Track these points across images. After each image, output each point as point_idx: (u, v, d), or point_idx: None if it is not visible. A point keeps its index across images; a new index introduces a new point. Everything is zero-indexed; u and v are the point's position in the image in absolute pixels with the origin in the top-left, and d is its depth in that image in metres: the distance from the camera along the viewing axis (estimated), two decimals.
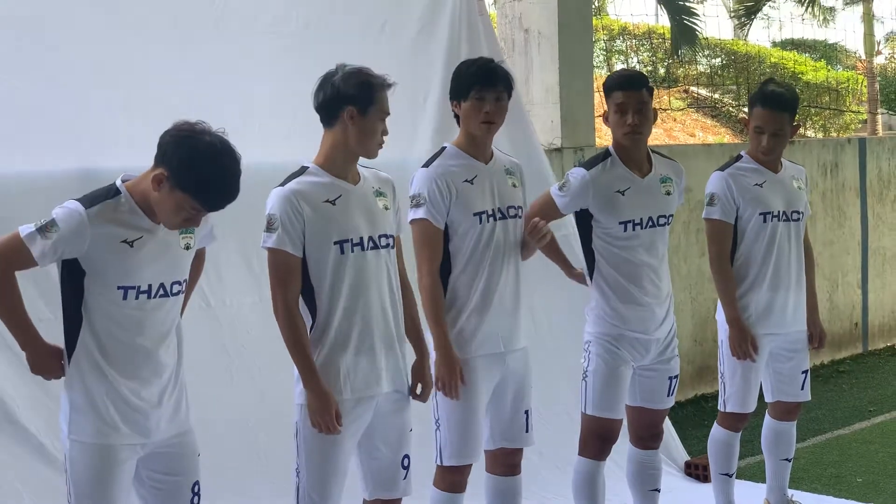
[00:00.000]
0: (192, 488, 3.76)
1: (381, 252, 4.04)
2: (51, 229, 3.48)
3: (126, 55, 4.95)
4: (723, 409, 5.46)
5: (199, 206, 3.51)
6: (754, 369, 5.35)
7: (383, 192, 4.14)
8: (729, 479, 5.56)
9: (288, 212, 3.90)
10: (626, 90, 4.77)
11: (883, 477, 6.64)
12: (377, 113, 3.98)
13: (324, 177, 3.99)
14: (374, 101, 3.97)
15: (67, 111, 3.66)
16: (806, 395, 5.53)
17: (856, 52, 21.09)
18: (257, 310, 4.16)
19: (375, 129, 3.99)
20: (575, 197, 4.82)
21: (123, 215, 3.55)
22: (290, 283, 3.93)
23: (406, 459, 4.15)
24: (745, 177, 5.28)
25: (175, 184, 3.47)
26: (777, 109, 5.22)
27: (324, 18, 5.89)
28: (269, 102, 5.59)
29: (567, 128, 7.61)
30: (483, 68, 4.49)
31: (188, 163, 3.46)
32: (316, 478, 3.98)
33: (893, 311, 10.97)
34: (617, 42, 17.26)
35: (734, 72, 17.36)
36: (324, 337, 3.97)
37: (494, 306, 4.47)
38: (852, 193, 10.51)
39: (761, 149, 5.26)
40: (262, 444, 4.95)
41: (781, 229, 5.29)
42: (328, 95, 3.98)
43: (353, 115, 3.95)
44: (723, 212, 5.26)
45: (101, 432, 3.56)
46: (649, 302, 4.86)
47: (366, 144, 3.99)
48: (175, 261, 3.68)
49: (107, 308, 3.56)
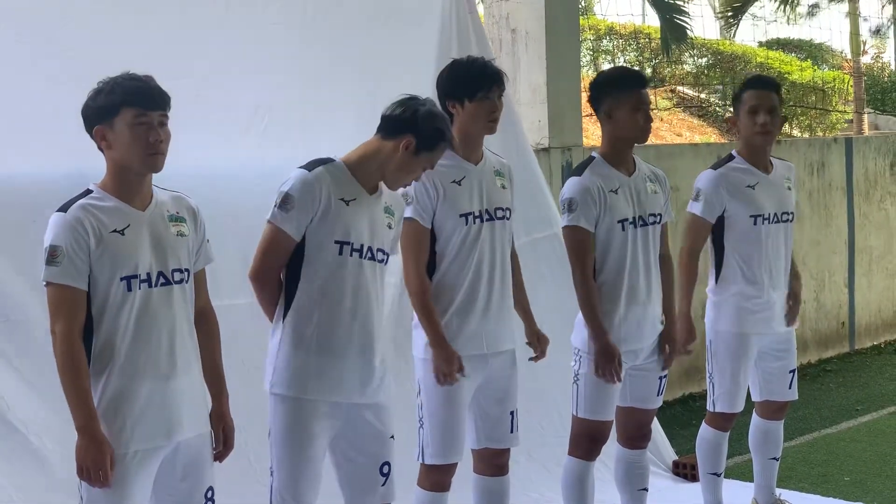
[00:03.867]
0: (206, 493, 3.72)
1: (375, 264, 4.02)
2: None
3: (131, 48, 4.92)
4: (712, 410, 5.46)
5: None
6: (743, 369, 5.35)
7: (393, 211, 4.14)
8: (717, 479, 5.57)
9: (304, 196, 3.88)
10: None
11: (870, 476, 6.66)
12: (426, 160, 4.01)
13: (346, 175, 3.98)
14: (433, 150, 4.01)
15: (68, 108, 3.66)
16: (793, 395, 5.54)
17: (842, 52, 21.14)
18: (256, 310, 4.13)
19: (414, 171, 4.03)
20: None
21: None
22: (276, 256, 3.94)
23: (386, 466, 4.10)
24: (738, 177, 5.28)
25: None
26: (767, 88, 5.29)
27: (331, 10, 5.88)
28: (281, 95, 5.57)
29: (554, 128, 7.61)
30: (488, 68, 4.48)
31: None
32: (288, 478, 3.96)
33: (880, 310, 11.00)
34: (604, 42, 17.28)
35: (721, 72, 17.39)
36: (299, 334, 3.94)
37: (478, 308, 4.46)
38: (839, 193, 10.53)
39: (758, 127, 5.23)
40: (251, 444, 4.93)
41: (773, 230, 5.29)
42: (403, 117, 3.99)
43: (408, 146, 3.96)
44: (705, 209, 5.25)
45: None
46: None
47: (396, 176, 4.03)
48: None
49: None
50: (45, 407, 4.53)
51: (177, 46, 5.19)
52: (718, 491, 5.58)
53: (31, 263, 4.36)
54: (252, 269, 3.99)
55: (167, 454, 3.58)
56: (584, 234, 4.76)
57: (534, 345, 4.78)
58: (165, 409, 3.55)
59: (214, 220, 3.85)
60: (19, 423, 4.71)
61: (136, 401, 3.51)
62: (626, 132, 4.80)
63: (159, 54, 4.91)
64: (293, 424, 3.94)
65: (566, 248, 4.85)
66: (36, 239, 3.55)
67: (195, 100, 5.09)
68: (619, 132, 4.82)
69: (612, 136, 4.86)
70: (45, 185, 4.63)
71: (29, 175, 4.80)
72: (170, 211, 3.64)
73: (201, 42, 5.36)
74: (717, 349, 5.37)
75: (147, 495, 3.59)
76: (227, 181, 5.26)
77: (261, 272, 3.98)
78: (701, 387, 8.74)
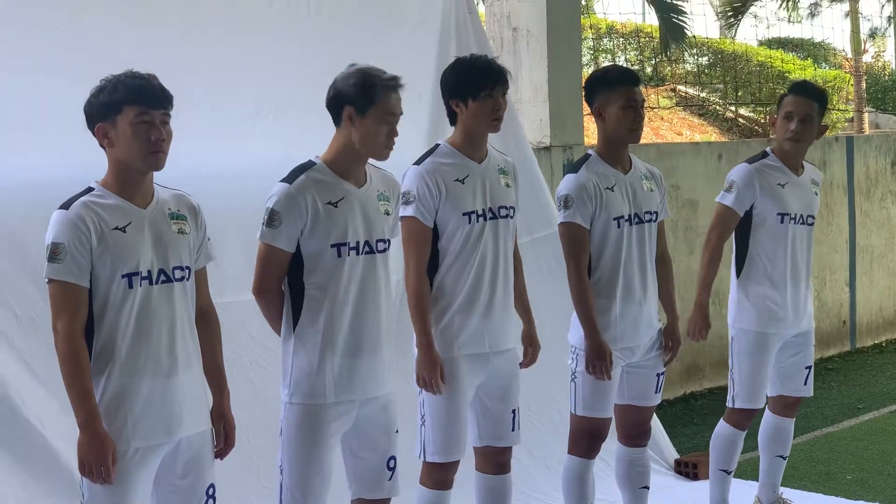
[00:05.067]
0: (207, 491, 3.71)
1: (375, 257, 4.02)
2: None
3: (134, 45, 4.92)
4: (731, 406, 5.46)
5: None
6: (763, 367, 5.37)
7: (387, 196, 4.13)
8: (727, 477, 5.56)
9: (290, 209, 3.89)
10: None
11: (872, 474, 6.66)
12: (378, 114, 3.93)
13: (329, 176, 3.97)
14: (375, 101, 3.92)
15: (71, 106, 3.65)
16: (808, 391, 5.59)
17: (842, 51, 21.12)
18: (255, 308, 4.13)
19: (377, 131, 3.94)
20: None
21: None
22: (272, 277, 3.96)
23: (392, 461, 4.13)
24: (771, 174, 5.32)
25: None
26: (807, 96, 5.31)
27: (335, 6, 5.87)
28: (283, 91, 5.57)
29: (556, 126, 7.61)
30: (492, 66, 4.47)
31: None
32: (298, 476, 3.97)
33: (881, 308, 11.00)
34: (604, 41, 17.25)
35: (721, 70, 17.37)
36: (308, 337, 3.96)
37: (481, 306, 4.46)
38: (840, 191, 10.53)
39: (789, 133, 5.27)
40: (254, 443, 4.94)
41: (798, 231, 5.34)
42: (331, 95, 3.99)
43: (351, 116, 3.94)
44: (736, 201, 5.29)
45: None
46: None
47: (368, 145, 3.97)
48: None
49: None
50: (55, 403, 4.53)
51: (179, 45, 5.19)
52: (726, 489, 5.57)
53: (37, 260, 4.37)
54: (254, 286, 4.01)
55: (168, 451, 3.58)
56: (580, 230, 4.75)
57: (526, 348, 4.78)
58: (166, 407, 3.55)
59: (217, 217, 3.86)
60: (35, 419, 4.70)
61: (136, 398, 3.51)
62: (616, 131, 4.79)
63: (162, 52, 4.90)
64: (307, 428, 3.95)
65: (561, 245, 4.84)
66: (41, 237, 3.55)
67: (197, 98, 5.09)
68: (610, 131, 4.81)
69: (604, 135, 4.86)
70: (48, 182, 4.62)
71: (32, 172, 4.79)
72: (171, 209, 3.64)
73: (204, 40, 5.36)
74: (739, 346, 5.39)
75: (148, 492, 3.59)
76: (230, 179, 5.26)
77: (262, 287, 4.00)
78: (702, 385, 8.78)
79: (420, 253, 4.41)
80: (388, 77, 3.96)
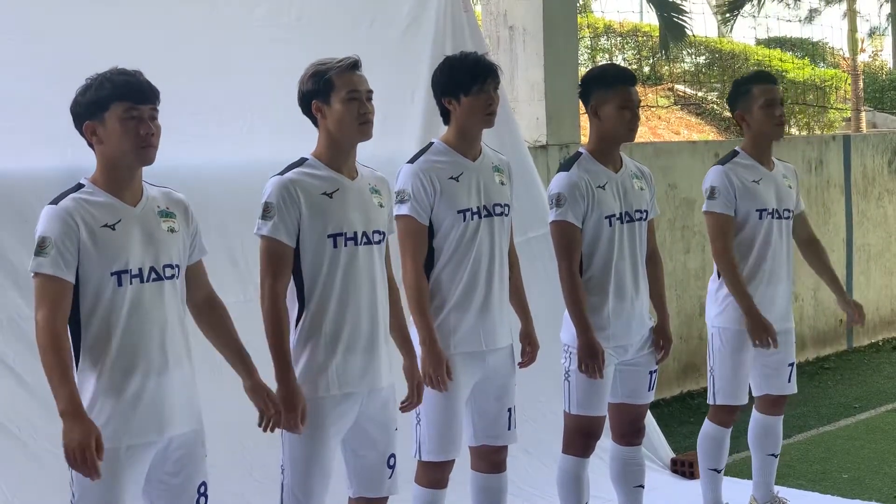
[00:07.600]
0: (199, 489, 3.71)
1: (372, 248, 4.02)
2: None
3: (117, 47, 4.89)
4: (713, 402, 5.46)
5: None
6: (744, 363, 5.35)
7: (378, 189, 4.13)
8: (717, 475, 5.56)
9: (285, 199, 3.89)
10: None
11: (868, 473, 6.66)
12: (341, 96, 3.95)
13: (322, 170, 3.99)
14: (334, 85, 3.95)
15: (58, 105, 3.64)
16: (792, 388, 5.55)
17: (840, 50, 21.13)
18: (242, 309, 4.12)
19: (346, 112, 3.95)
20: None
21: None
22: (280, 274, 3.92)
23: (392, 459, 4.14)
24: (743, 172, 5.32)
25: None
26: (774, 82, 5.37)
27: (317, 12, 5.86)
28: (264, 95, 5.56)
29: (552, 125, 7.61)
30: (481, 61, 4.47)
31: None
32: (300, 475, 3.97)
33: (878, 308, 11.00)
34: (602, 40, 17.25)
35: (719, 70, 17.38)
36: (312, 332, 3.96)
37: (476, 304, 4.46)
38: (837, 190, 10.53)
39: (776, 119, 5.28)
40: (248, 444, 4.93)
41: (775, 226, 5.32)
42: (299, 99, 4.04)
43: (320, 108, 3.98)
44: (725, 205, 5.28)
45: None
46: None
47: (345, 130, 3.98)
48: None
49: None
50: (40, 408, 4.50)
51: (163, 45, 5.15)
52: (718, 488, 5.57)
53: (21, 262, 4.35)
54: (262, 295, 3.93)
55: (159, 449, 3.57)
56: (572, 228, 4.75)
57: (524, 347, 4.77)
58: (157, 405, 3.54)
59: (200, 220, 3.83)
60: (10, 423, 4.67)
61: (127, 396, 3.50)
62: (612, 130, 4.79)
63: (146, 52, 4.88)
64: (309, 424, 3.93)
65: (553, 243, 4.84)
66: (25, 238, 3.53)
67: (181, 99, 5.06)
68: (606, 129, 4.81)
69: (599, 133, 4.85)
70: (35, 182, 4.61)
71: (18, 173, 4.77)
72: (160, 207, 3.64)
73: (187, 41, 5.32)
74: (718, 344, 5.37)
75: (139, 490, 3.59)
76: (214, 181, 5.21)
77: (271, 292, 3.91)
78: (699, 384, 8.75)
79: (417, 250, 4.41)
80: (339, 60, 3.99)
